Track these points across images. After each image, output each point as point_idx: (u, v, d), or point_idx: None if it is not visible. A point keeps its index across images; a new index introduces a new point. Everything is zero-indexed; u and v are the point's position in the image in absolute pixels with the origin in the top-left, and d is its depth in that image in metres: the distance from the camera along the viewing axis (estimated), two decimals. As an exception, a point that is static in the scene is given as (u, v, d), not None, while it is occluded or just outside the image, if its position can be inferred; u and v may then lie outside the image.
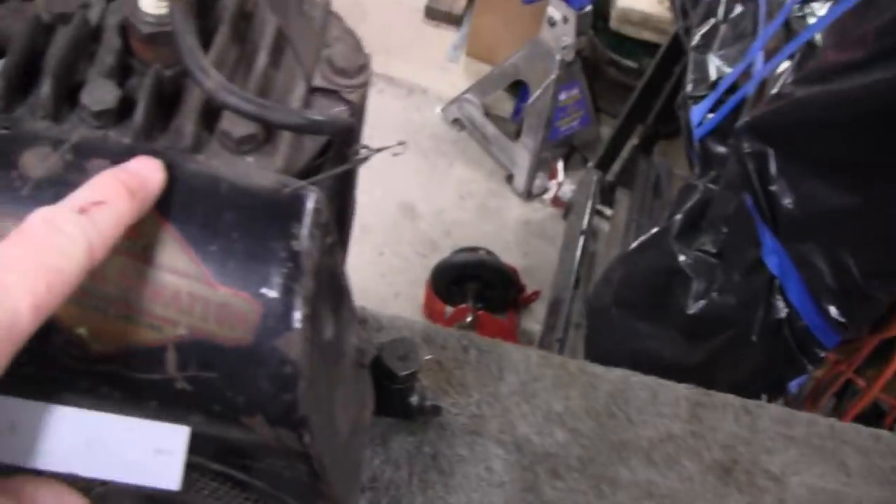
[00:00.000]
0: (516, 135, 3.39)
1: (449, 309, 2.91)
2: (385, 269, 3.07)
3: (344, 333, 0.65)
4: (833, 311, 1.69)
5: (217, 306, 0.53)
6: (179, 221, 0.54)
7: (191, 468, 0.63)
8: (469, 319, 2.80)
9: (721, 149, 2.01)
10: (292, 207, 0.55)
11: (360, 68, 0.64)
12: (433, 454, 1.03)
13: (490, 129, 3.45)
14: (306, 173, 0.60)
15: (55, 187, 0.54)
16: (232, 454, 0.61)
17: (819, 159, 1.60)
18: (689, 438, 1.11)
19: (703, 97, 2.10)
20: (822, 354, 1.79)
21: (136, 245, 0.53)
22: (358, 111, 0.65)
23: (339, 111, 0.63)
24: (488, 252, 2.94)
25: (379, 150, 0.59)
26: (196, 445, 0.60)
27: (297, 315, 0.54)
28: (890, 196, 1.55)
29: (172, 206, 0.54)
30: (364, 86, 0.65)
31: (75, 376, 0.55)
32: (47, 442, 0.49)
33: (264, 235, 0.54)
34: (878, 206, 1.56)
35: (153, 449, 0.51)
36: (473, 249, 2.95)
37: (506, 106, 3.59)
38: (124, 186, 0.51)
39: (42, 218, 0.47)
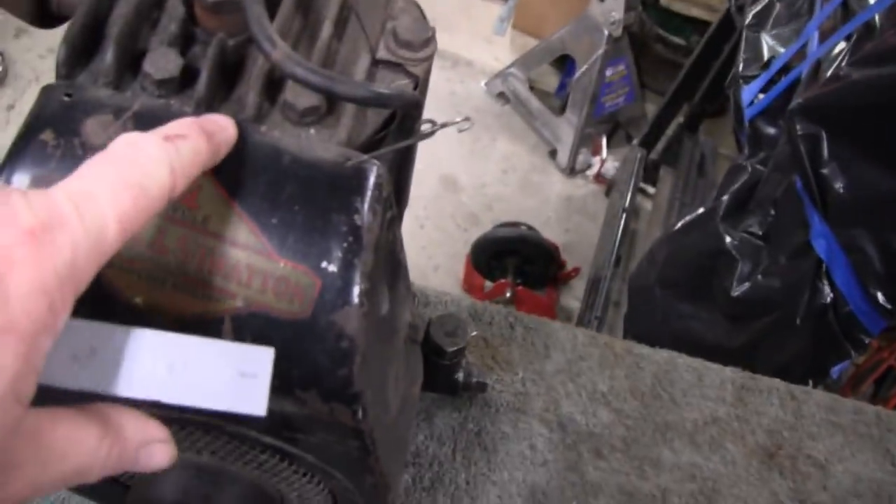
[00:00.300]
0: (561, 110, 3.37)
1: (488, 283, 2.90)
2: (425, 242, 3.07)
3: (399, 309, 0.65)
4: (880, 296, 1.67)
5: (276, 279, 0.53)
6: (241, 193, 0.54)
7: (241, 440, 0.63)
8: (508, 295, 2.79)
9: (771, 130, 1.99)
10: (354, 181, 0.55)
11: (425, 41, 0.63)
12: (477, 431, 1.03)
13: (534, 103, 3.43)
14: (369, 147, 0.59)
15: (117, 154, 0.54)
16: (284, 427, 0.61)
17: (873, 143, 1.57)
18: (734, 422, 1.11)
19: (754, 77, 2.08)
20: (867, 341, 1.76)
21: (197, 216, 0.53)
22: (422, 85, 0.64)
23: (403, 84, 0.63)
24: (529, 227, 2.92)
25: (444, 126, 0.58)
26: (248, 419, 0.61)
27: (356, 290, 0.53)
28: (941, 182, 1.53)
29: (234, 177, 0.54)
30: (429, 59, 0.64)
31: (132, 346, 0.55)
32: (128, 367, 0.49)
33: (326, 209, 0.54)
34: (931, 192, 1.54)
35: (238, 372, 0.51)
36: (514, 224, 2.93)
37: (551, 81, 3.57)
38: (203, 129, 0.51)
39: (126, 140, 0.47)
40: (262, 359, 0.51)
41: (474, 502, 0.98)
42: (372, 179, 0.55)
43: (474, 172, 3.29)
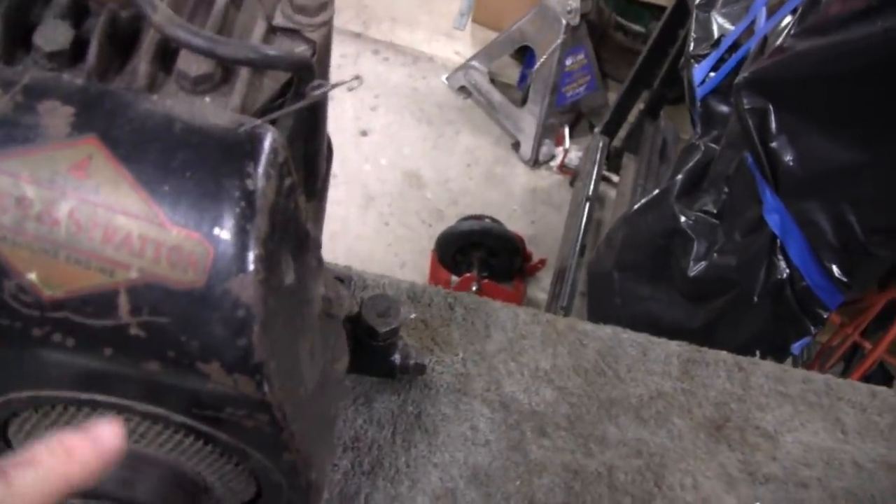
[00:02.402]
0: (522, 101, 3.36)
1: (454, 278, 2.89)
2: (391, 239, 3.06)
3: (308, 280, 0.64)
4: (835, 269, 1.66)
5: (169, 248, 0.52)
6: (132, 161, 0.53)
7: (153, 420, 0.62)
8: (474, 288, 2.78)
9: (723, 108, 1.98)
10: (247, 146, 0.54)
11: (321, 6, 0.62)
12: (417, 413, 1.02)
13: (496, 96, 3.42)
14: (265, 114, 0.58)
15: (5, 128, 0.53)
16: (194, 405, 0.59)
17: (820, 114, 1.57)
18: (680, 396, 1.10)
19: (705, 56, 2.07)
20: (825, 315, 1.76)
21: (87, 185, 0.52)
22: (321, 50, 0.63)
23: (301, 50, 0.62)
24: (493, 220, 2.91)
25: (334, 86, 0.57)
26: (157, 395, 0.59)
27: (251, 256, 0.52)
28: (893, 150, 1.52)
29: (125, 145, 0.53)
30: (326, 24, 0.63)
31: (28, 324, 0.54)
32: None
33: (218, 175, 0.53)
34: (881, 160, 1.53)
35: None
36: (479, 217, 2.92)
37: (512, 73, 3.56)
38: (64, 449, 0.48)
39: None
40: None
41: (415, 485, 0.96)
42: (266, 144, 0.54)
43: (438, 167, 3.28)
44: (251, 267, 0.52)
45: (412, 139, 3.34)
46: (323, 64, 0.64)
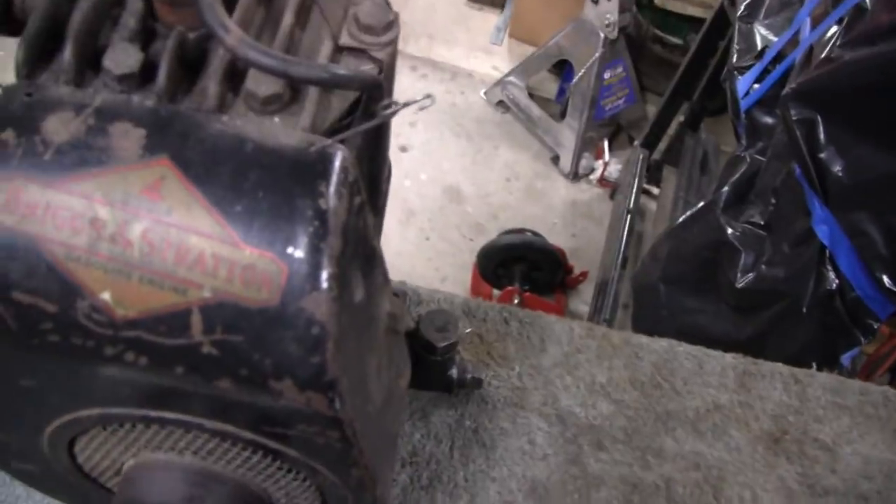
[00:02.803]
0: (561, 115, 3.36)
1: (496, 292, 2.89)
2: (431, 254, 3.06)
3: (376, 297, 0.64)
4: (886, 280, 1.65)
5: (242, 268, 0.52)
6: (204, 182, 0.53)
7: (222, 438, 0.62)
8: (516, 301, 2.77)
9: (768, 119, 1.97)
10: (319, 166, 0.54)
11: (387, 25, 0.63)
12: (474, 428, 1.02)
13: (535, 110, 3.42)
14: (334, 133, 0.58)
15: (78, 151, 0.53)
16: (263, 422, 0.60)
17: (869, 124, 1.56)
18: (737, 408, 1.09)
19: (749, 67, 2.06)
20: (876, 326, 1.74)
21: (160, 207, 0.53)
22: (387, 69, 0.63)
23: (367, 69, 0.62)
24: (534, 233, 2.91)
25: (406, 105, 0.58)
26: (227, 413, 0.60)
27: (325, 275, 0.52)
28: (943, 160, 1.51)
29: (197, 166, 0.53)
30: (392, 43, 0.63)
31: (101, 343, 0.54)
32: None
33: (290, 194, 0.53)
34: (931, 170, 1.52)
35: None
36: (519, 231, 2.92)
37: (550, 87, 3.56)
38: None
39: None
40: None
41: (474, 499, 0.96)
42: (337, 163, 0.55)
43: (478, 182, 3.28)
44: (325, 285, 0.52)
45: (452, 154, 3.34)
46: (389, 82, 0.64)
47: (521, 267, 2.86)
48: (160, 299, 0.53)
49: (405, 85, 3.48)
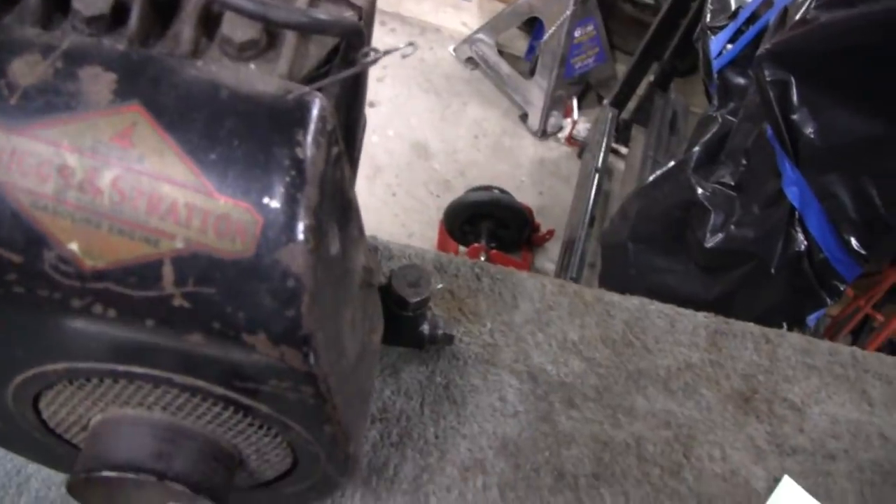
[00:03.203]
0: (530, 73, 3.35)
1: (462, 249, 2.88)
2: (398, 210, 3.05)
3: (351, 251, 0.63)
4: (854, 242, 1.66)
5: (217, 218, 0.51)
6: (177, 129, 0.51)
7: (192, 393, 0.61)
8: (482, 258, 2.77)
9: (740, 80, 1.97)
10: (296, 114, 0.53)
11: (367, -29, 0.61)
12: (445, 384, 1.01)
13: (504, 67, 3.40)
14: (311, 81, 0.57)
15: (45, 96, 0.51)
16: (235, 377, 0.58)
17: (843, 86, 1.56)
18: (708, 367, 1.09)
19: (722, 27, 2.06)
20: (842, 287, 1.75)
21: (131, 155, 0.51)
22: (366, 16, 0.61)
23: (348, 15, 0.60)
24: (502, 191, 2.90)
25: (387, 53, 0.56)
26: (197, 368, 0.58)
27: (301, 226, 0.51)
28: (916, 123, 1.51)
29: (170, 113, 0.52)
30: (372, -10, 0.61)
31: (68, 295, 0.53)
32: None
33: (267, 143, 0.52)
34: (904, 133, 1.52)
35: None
36: (487, 188, 2.91)
37: (520, 44, 3.54)
38: None
39: None
40: None
41: (444, 456, 0.96)
42: (315, 112, 0.53)
43: (446, 139, 3.27)
44: (301, 237, 0.51)
45: (420, 110, 3.32)
46: (369, 30, 0.63)
47: (487, 224, 2.86)
48: (131, 250, 0.51)
49: (374, 39, 3.40)
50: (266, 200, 0.51)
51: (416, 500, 0.93)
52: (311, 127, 0.52)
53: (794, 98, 1.61)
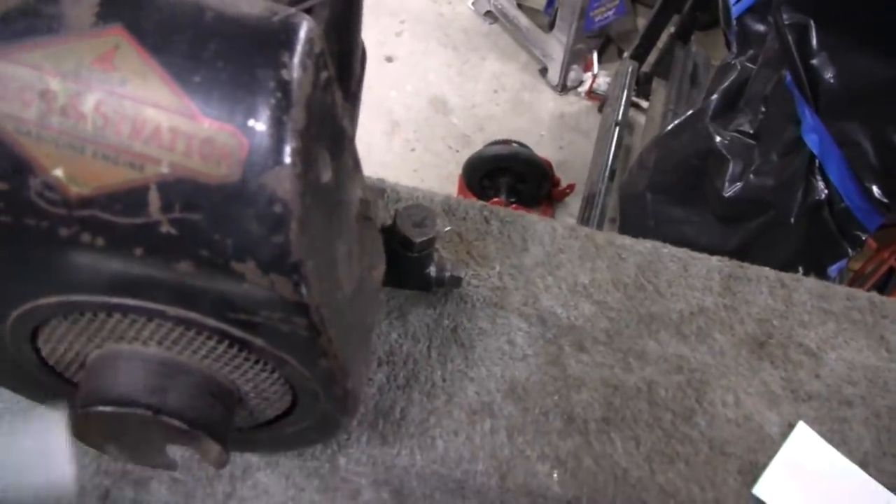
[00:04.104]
0: (550, 26, 3.30)
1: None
2: (417, 165, 3.02)
3: (345, 181, 0.61)
4: (875, 190, 1.62)
5: (201, 141, 0.50)
6: (160, 52, 0.50)
7: (186, 326, 0.60)
8: (502, 213, 2.75)
9: (759, 26, 1.93)
10: (282, 35, 0.51)
11: None
12: (453, 327, 1.00)
13: (523, 21, 3.36)
14: (299, 3, 0.55)
15: (26, 19, 0.50)
16: (228, 308, 0.57)
17: (863, 30, 1.52)
18: (722, 311, 1.07)
19: (741, -27, 2.02)
20: (864, 237, 1.72)
21: (113, 78, 0.50)
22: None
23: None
24: (521, 144, 2.87)
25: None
26: (189, 299, 0.57)
27: (288, 149, 0.50)
28: (939, 68, 1.48)
29: (153, 35, 0.50)
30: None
31: (55, 224, 0.52)
32: None
33: (251, 65, 0.50)
34: (927, 78, 1.49)
35: None
36: (506, 142, 2.88)
37: (539, -3, 3.51)
38: None
39: None
40: None
41: (451, 399, 0.95)
42: (301, 34, 0.52)
43: (464, 93, 3.24)
44: (287, 160, 0.50)
45: (438, 65, 3.29)
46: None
47: (507, 179, 2.83)
48: (115, 175, 0.50)
49: (392, -10, 3.42)
50: (251, 123, 0.49)
51: (423, 444, 0.92)
52: (298, 49, 0.51)
53: (814, 42, 1.58)
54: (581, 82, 3.29)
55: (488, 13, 3.46)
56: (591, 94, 3.25)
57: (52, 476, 0.86)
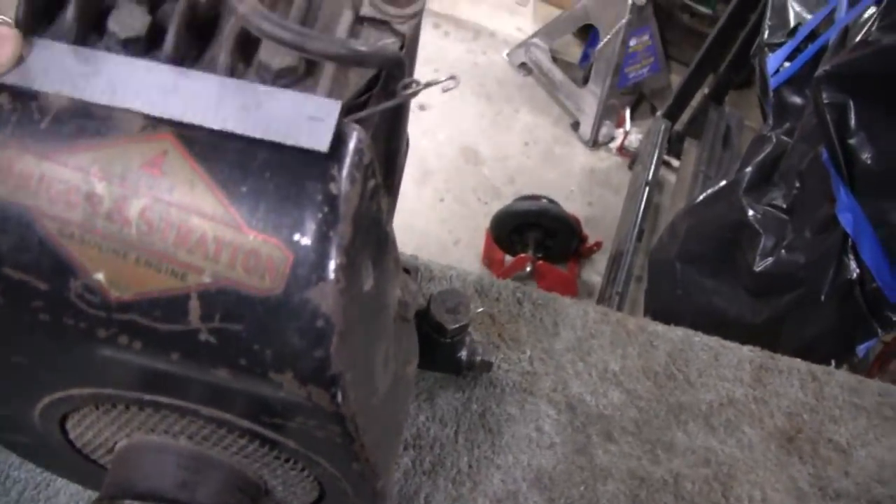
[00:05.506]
0: (584, 81, 3.31)
1: (509, 258, 2.86)
2: (446, 215, 3.03)
3: (386, 285, 0.61)
4: (908, 271, 1.62)
5: (245, 253, 0.49)
6: (209, 159, 0.50)
7: (218, 424, 0.60)
8: (528, 269, 2.74)
9: (797, 99, 1.93)
10: (332, 147, 0.51)
11: (412, -4, 0.59)
12: (481, 412, 0.99)
13: (557, 74, 3.37)
14: (350, 111, 0.55)
15: (76, 120, 0.50)
16: (262, 412, 0.57)
17: (903, 112, 1.52)
18: (752, 404, 1.06)
19: (780, 44, 2.02)
20: (895, 318, 1.71)
21: (160, 184, 0.49)
22: (409, 44, 0.59)
23: (389, 43, 0.58)
24: (550, 200, 2.87)
25: (428, 85, 0.54)
26: (224, 401, 0.57)
27: (332, 265, 0.49)
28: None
29: (201, 143, 0.50)
30: (416, 16, 0.59)
31: (93, 325, 0.51)
32: (208, 104, 0.51)
33: (300, 177, 0.50)
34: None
35: (307, 116, 0.50)
36: (535, 197, 2.88)
37: (574, 51, 3.51)
38: None
39: None
40: (329, 106, 0.51)
41: (477, 487, 0.94)
42: (351, 145, 0.51)
43: (496, 144, 3.24)
44: (332, 276, 0.49)
45: (471, 115, 3.30)
46: (411, 58, 0.61)
47: (535, 234, 2.83)
48: (157, 282, 0.50)
49: (426, 40, 3.41)
50: (297, 237, 0.49)
51: (447, 531, 0.91)
52: (347, 161, 0.51)
53: (852, 121, 1.57)
54: (612, 138, 3.30)
55: (523, 65, 3.47)
56: (622, 150, 3.25)
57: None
